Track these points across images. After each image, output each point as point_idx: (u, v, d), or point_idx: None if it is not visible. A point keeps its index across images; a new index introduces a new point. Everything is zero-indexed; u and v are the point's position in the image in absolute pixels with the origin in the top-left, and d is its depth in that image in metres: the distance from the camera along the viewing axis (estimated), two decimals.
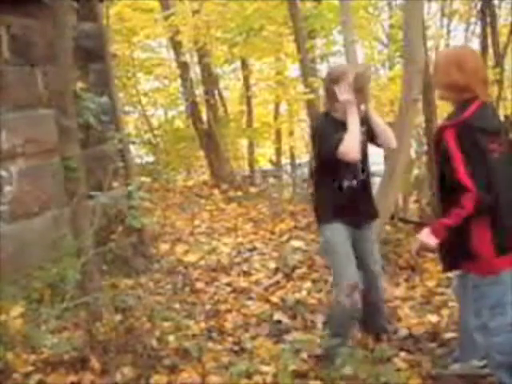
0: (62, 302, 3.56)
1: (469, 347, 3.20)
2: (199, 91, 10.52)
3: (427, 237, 2.90)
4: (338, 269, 3.54)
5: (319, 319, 4.20)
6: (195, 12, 9.20)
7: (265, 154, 12.63)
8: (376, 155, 4.55)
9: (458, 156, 2.76)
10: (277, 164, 11.50)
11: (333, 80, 3.49)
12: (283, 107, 11.33)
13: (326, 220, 3.58)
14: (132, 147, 8.25)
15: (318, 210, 3.67)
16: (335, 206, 3.53)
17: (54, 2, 3.89)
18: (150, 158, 11.50)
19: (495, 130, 2.88)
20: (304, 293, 4.82)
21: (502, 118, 5.51)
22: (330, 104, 3.57)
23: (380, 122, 3.60)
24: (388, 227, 5.63)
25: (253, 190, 9.83)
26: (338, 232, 3.52)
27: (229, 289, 5.21)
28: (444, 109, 6.70)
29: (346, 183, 3.52)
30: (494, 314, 2.89)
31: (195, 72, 10.59)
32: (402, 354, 3.57)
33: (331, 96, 3.51)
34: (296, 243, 6.24)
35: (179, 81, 10.92)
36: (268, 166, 12.02)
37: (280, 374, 3.21)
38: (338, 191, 3.52)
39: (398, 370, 3.30)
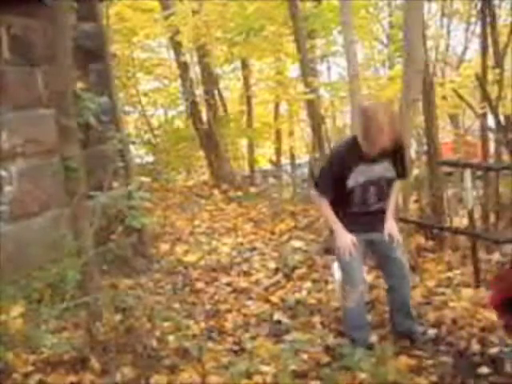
0: (62, 302, 3.56)
1: None
2: (199, 91, 10.52)
3: None
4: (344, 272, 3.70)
5: (319, 319, 4.20)
6: (195, 12, 9.21)
7: (265, 154, 12.62)
8: None
9: None
10: (277, 164, 11.49)
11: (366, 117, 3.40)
12: (283, 107, 11.31)
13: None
14: (132, 147, 8.24)
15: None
16: (348, 220, 3.61)
17: (54, 2, 3.88)
18: (150, 158, 11.49)
19: None
20: (304, 293, 4.81)
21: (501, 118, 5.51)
22: (360, 136, 3.47)
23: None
24: None
25: (253, 189, 9.83)
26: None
27: (229, 289, 5.21)
28: (444, 109, 6.71)
29: (355, 209, 3.57)
30: None
31: (195, 72, 10.60)
32: (405, 354, 3.56)
33: (364, 132, 3.40)
34: (296, 243, 6.25)
35: (179, 81, 10.92)
36: (268, 166, 12.02)
37: (280, 374, 3.21)
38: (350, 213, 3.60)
39: (401, 369, 3.29)
